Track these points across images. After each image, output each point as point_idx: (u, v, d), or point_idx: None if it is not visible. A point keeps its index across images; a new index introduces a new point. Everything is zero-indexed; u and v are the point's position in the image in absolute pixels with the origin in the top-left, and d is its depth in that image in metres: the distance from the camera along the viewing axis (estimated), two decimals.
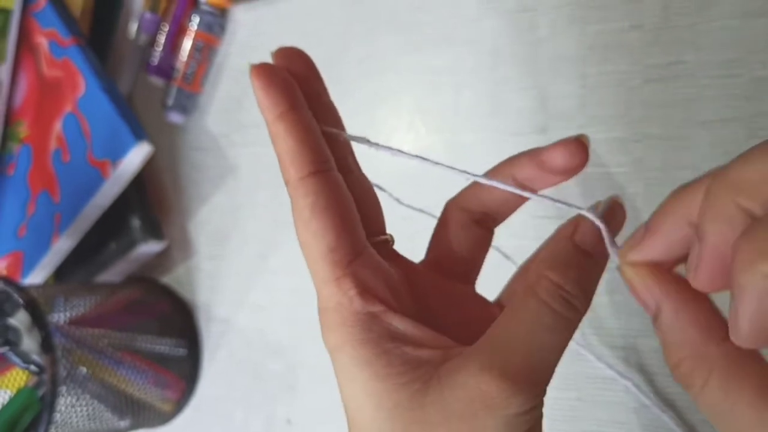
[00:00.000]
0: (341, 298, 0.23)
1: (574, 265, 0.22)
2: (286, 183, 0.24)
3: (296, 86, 0.25)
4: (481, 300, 0.29)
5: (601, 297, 0.43)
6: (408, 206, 0.28)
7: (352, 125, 0.53)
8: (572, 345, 0.40)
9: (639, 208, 0.41)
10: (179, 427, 0.63)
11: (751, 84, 0.39)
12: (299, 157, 0.23)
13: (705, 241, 0.18)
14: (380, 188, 0.28)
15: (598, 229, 0.23)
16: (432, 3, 0.49)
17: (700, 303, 0.20)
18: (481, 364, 0.21)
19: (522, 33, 0.46)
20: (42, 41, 0.61)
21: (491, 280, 0.31)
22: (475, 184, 0.27)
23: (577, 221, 0.23)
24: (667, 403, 0.41)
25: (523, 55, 0.46)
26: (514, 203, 0.27)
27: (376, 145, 0.26)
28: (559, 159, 0.24)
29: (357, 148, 0.28)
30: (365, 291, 0.23)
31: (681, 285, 0.21)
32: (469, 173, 0.25)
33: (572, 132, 0.34)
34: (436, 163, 0.25)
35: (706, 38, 0.40)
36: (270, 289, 0.58)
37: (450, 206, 0.28)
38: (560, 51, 0.44)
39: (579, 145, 0.24)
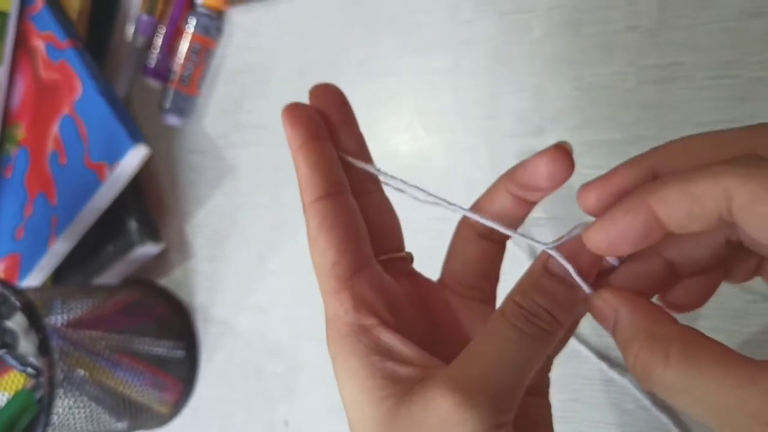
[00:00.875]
0: (338, 310, 0.25)
1: (538, 287, 0.23)
2: (303, 207, 0.26)
3: (319, 120, 0.27)
4: None
5: None
6: (425, 201, 0.28)
7: None
8: (570, 345, 0.40)
9: None
10: (177, 429, 0.63)
11: (748, 85, 0.39)
12: (311, 183, 0.25)
13: (612, 177, 0.24)
14: (401, 190, 0.28)
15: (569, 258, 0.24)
16: (430, 5, 0.50)
17: (653, 305, 0.22)
18: (443, 380, 0.22)
19: (518, 34, 0.46)
20: (39, 44, 0.61)
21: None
22: (479, 198, 0.28)
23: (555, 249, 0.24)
24: (664, 404, 0.41)
25: (519, 57, 0.46)
26: (517, 215, 0.27)
27: (385, 174, 0.27)
28: (542, 171, 0.24)
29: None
30: (360, 304, 0.24)
31: (633, 293, 0.23)
32: (458, 206, 0.26)
33: (567, 133, 0.34)
34: (438, 199, 0.26)
35: (703, 39, 0.40)
36: (269, 290, 0.58)
37: (460, 222, 0.29)
38: (556, 52, 0.45)
39: (559, 152, 0.24)
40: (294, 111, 0.26)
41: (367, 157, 0.28)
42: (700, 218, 0.20)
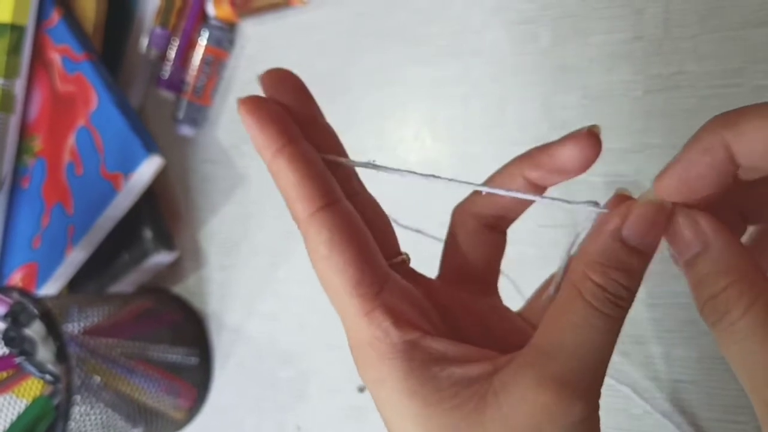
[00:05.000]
0: (375, 332, 0.22)
1: (619, 264, 0.21)
2: (296, 220, 0.23)
3: (289, 118, 0.23)
4: (507, 311, 0.28)
5: None
6: (405, 227, 0.27)
7: (359, 136, 0.54)
8: None
9: None
10: None
11: (752, 93, 0.39)
12: (305, 191, 0.22)
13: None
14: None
15: (648, 219, 0.22)
16: (438, 16, 0.50)
17: (743, 246, 0.21)
18: (537, 374, 0.21)
19: (526, 44, 0.46)
20: (55, 57, 0.63)
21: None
22: (488, 180, 0.26)
23: (626, 212, 0.22)
24: (669, 410, 0.41)
25: (527, 66, 0.46)
26: (528, 201, 0.26)
27: (384, 168, 0.24)
28: (571, 155, 0.23)
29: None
30: (399, 320, 0.22)
31: (727, 226, 0.21)
32: (475, 185, 0.25)
33: None
34: (440, 178, 0.25)
35: (708, 48, 0.40)
36: (280, 298, 0.59)
37: (459, 214, 0.27)
38: (563, 62, 0.45)
39: (591, 138, 0.23)
40: (257, 108, 0.23)
41: (343, 153, 0.25)
42: None
